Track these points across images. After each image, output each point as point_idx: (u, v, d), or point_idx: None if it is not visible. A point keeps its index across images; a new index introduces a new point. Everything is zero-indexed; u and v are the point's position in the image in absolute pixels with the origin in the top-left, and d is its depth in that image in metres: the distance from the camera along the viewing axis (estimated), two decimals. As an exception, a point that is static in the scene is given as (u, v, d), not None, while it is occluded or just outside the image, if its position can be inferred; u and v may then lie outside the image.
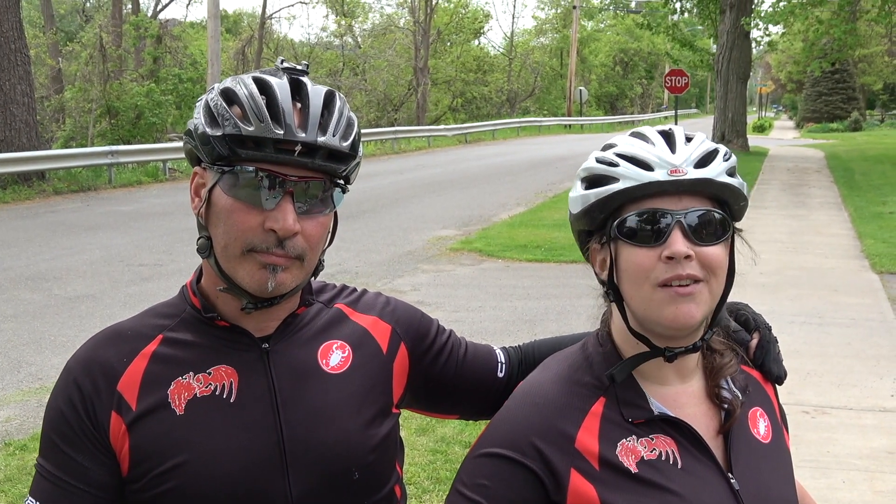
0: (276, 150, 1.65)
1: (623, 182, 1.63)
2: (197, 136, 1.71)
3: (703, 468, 1.67)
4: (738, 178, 1.69)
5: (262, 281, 1.70)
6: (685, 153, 1.64)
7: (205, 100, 1.74)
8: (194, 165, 1.79)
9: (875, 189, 22.83)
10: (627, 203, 1.64)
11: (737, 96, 35.29)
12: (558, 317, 9.97)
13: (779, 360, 1.89)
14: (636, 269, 1.64)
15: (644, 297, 1.64)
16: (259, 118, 1.65)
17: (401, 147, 39.61)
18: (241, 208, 1.68)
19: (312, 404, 1.79)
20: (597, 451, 1.65)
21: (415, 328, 2.00)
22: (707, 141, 1.70)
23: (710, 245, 1.63)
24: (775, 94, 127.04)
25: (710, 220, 1.64)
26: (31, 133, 22.71)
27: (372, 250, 14.40)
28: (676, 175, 1.61)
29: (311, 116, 1.68)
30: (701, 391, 1.76)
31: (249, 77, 1.73)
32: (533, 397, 1.73)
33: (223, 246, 1.71)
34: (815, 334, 9.32)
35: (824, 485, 5.79)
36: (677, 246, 1.60)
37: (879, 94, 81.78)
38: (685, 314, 1.61)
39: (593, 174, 1.69)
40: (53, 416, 1.77)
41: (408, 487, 5.53)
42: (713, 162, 1.65)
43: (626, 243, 1.65)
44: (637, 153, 1.65)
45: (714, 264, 1.63)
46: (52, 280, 12.04)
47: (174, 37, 41.91)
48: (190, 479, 1.71)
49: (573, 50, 64.36)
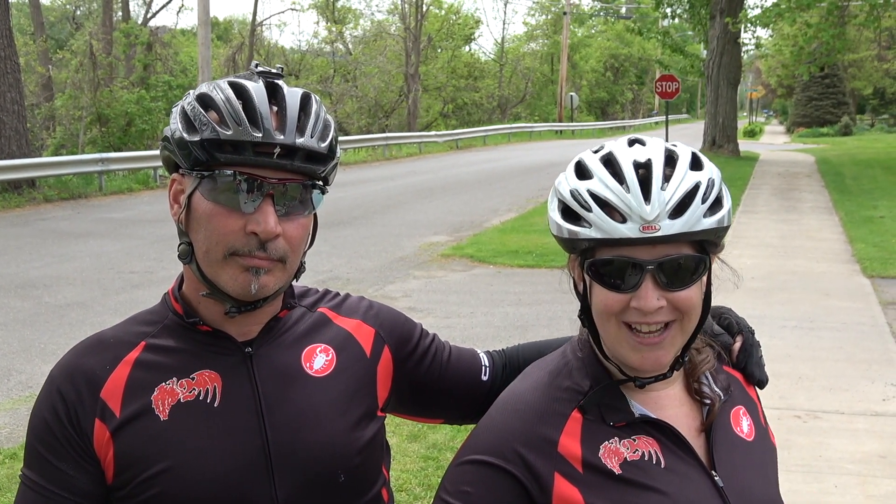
0: (254, 153, 1.66)
1: (595, 230, 1.60)
2: (174, 142, 1.71)
3: (686, 467, 1.68)
4: (721, 207, 1.64)
5: (246, 284, 1.70)
6: (660, 201, 1.57)
7: (181, 106, 1.74)
8: (172, 172, 1.79)
9: (866, 193, 22.90)
10: (600, 246, 1.62)
11: (727, 101, 35.37)
12: (549, 322, 9.96)
13: (761, 365, 1.89)
14: (605, 308, 1.64)
15: (612, 334, 1.64)
16: (237, 122, 1.65)
17: (392, 153, 39.64)
18: (222, 212, 1.68)
19: (297, 408, 1.79)
20: (579, 455, 1.65)
21: (398, 332, 2.00)
22: (688, 174, 1.62)
23: (684, 290, 1.61)
24: (766, 99, 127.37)
25: (685, 265, 1.61)
26: (21, 141, 22.67)
27: (363, 256, 14.39)
28: (649, 232, 1.56)
29: (289, 119, 1.68)
30: (682, 392, 1.77)
31: (225, 82, 1.73)
32: (514, 404, 1.74)
33: (205, 251, 1.71)
34: (806, 338, 9.33)
35: (816, 489, 5.78)
36: (647, 301, 1.58)
37: (869, 98, 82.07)
38: (652, 361, 1.62)
39: (567, 205, 1.66)
40: (37, 426, 1.77)
41: (399, 494, 5.54)
42: (690, 206, 1.58)
43: (596, 283, 1.64)
44: (611, 199, 1.59)
45: (686, 307, 1.62)
46: (42, 288, 12.00)
47: (164, 44, 41.82)
48: (175, 484, 1.70)
49: (564, 56, 64.50)
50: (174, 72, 39.82)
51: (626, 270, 1.59)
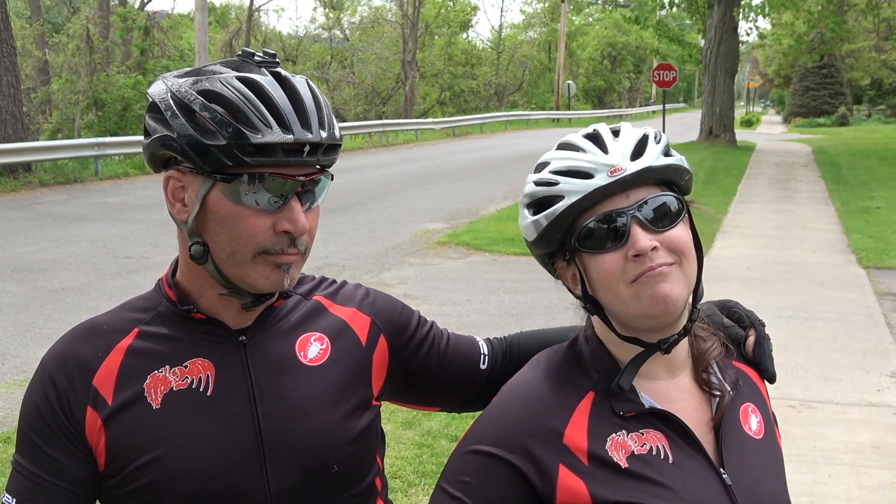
0: (283, 152, 1.62)
1: (569, 197, 1.63)
2: (186, 142, 1.62)
3: (694, 463, 1.66)
4: (675, 154, 1.69)
5: (278, 280, 1.70)
6: (618, 150, 1.65)
7: (176, 100, 1.64)
8: (161, 169, 1.73)
9: (862, 184, 22.89)
10: (579, 215, 1.64)
11: (724, 91, 35.34)
12: (545, 311, 9.96)
13: (772, 359, 1.88)
14: (606, 274, 1.63)
15: (621, 297, 1.63)
16: (265, 124, 1.60)
17: (389, 140, 39.57)
18: (249, 214, 1.65)
19: (290, 397, 1.78)
20: (585, 447, 1.64)
21: (395, 320, 1.98)
22: (632, 129, 1.71)
23: (671, 228, 1.63)
24: (763, 89, 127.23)
25: (663, 204, 1.64)
26: (17, 125, 22.60)
27: (359, 243, 14.38)
28: (617, 174, 1.61)
29: (309, 114, 1.66)
30: (691, 384, 1.75)
31: (232, 76, 1.65)
32: (520, 394, 1.72)
33: (229, 252, 1.67)
34: (801, 329, 9.34)
35: (810, 479, 5.79)
36: (641, 242, 1.59)
37: (867, 89, 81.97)
38: (664, 293, 1.60)
39: (537, 198, 1.68)
40: (29, 413, 1.75)
41: (394, 481, 5.54)
42: (647, 149, 1.65)
43: (590, 253, 1.65)
44: (572, 165, 1.65)
45: (680, 245, 1.63)
46: (38, 272, 11.98)
47: (162, 28, 41.69)
48: (167, 473, 1.69)
49: (561, 44, 64.36)
50: (172, 56, 39.67)
51: (611, 224, 1.61)
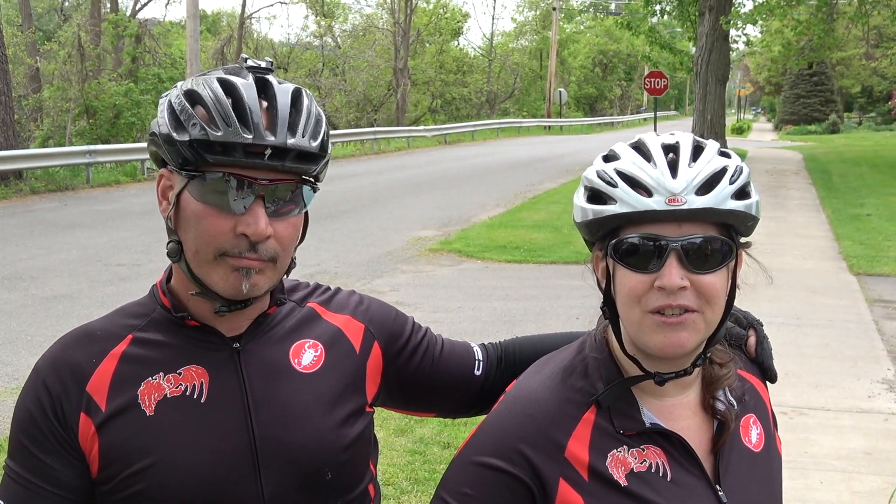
0: (245, 153, 1.62)
1: (621, 205, 1.58)
2: (162, 138, 1.67)
3: (692, 480, 1.66)
4: (749, 196, 1.61)
5: (237, 285, 1.67)
6: (687, 178, 1.56)
7: (168, 100, 1.70)
8: (160, 167, 1.75)
9: (853, 191, 22.94)
10: (625, 225, 1.60)
11: (715, 98, 35.34)
12: (537, 318, 9.95)
13: (772, 358, 1.89)
14: (629, 293, 1.60)
15: (635, 321, 1.60)
16: (226, 122, 1.61)
17: (380, 148, 39.55)
18: (211, 213, 1.65)
19: (284, 404, 1.77)
20: (587, 461, 1.63)
21: (388, 327, 1.98)
22: (716, 158, 1.62)
23: (708, 273, 1.57)
24: (754, 97, 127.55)
25: (711, 247, 1.58)
26: (8, 132, 22.56)
27: (351, 251, 14.37)
28: (675, 205, 1.54)
29: (280, 117, 1.64)
30: (697, 402, 1.73)
31: (214, 77, 1.68)
32: (524, 404, 1.70)
33: (194, 251, 1.68)
34: (792, 335, 9.35)
35: (802, 485, 5.80)
36: (671, 279, 1.55)
37: (857, 97, 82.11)
38: (674, 343, 1.57)
39: (594, 187, 1.64)
40: (22, 418, 1.75)
41: (386, 488, 5.54)
42: (718, 185, 1.57)
43: (621, 265, 1.61)
44: (636, 174, 1.59)
45: (710, 293, 1.58)
46: (29, 279, 11.95)
47: (153, 36, 41.64)
48: (161, 480, 1.69)
49: (553, 51, 64.47)
50: (163, 64, 39.64)
51: (650, 249, 1.56)
